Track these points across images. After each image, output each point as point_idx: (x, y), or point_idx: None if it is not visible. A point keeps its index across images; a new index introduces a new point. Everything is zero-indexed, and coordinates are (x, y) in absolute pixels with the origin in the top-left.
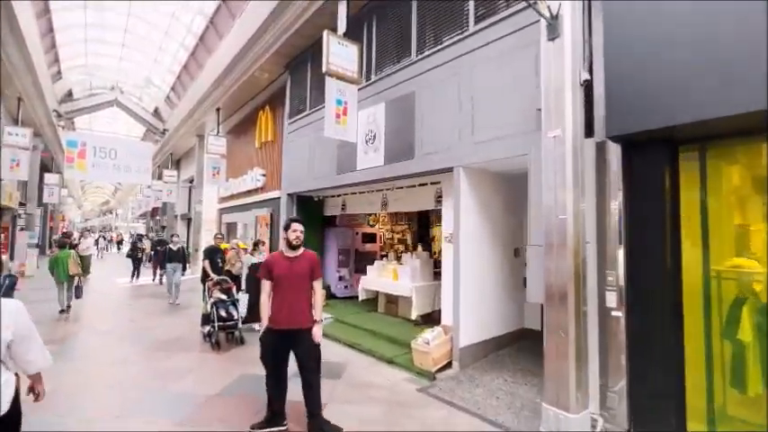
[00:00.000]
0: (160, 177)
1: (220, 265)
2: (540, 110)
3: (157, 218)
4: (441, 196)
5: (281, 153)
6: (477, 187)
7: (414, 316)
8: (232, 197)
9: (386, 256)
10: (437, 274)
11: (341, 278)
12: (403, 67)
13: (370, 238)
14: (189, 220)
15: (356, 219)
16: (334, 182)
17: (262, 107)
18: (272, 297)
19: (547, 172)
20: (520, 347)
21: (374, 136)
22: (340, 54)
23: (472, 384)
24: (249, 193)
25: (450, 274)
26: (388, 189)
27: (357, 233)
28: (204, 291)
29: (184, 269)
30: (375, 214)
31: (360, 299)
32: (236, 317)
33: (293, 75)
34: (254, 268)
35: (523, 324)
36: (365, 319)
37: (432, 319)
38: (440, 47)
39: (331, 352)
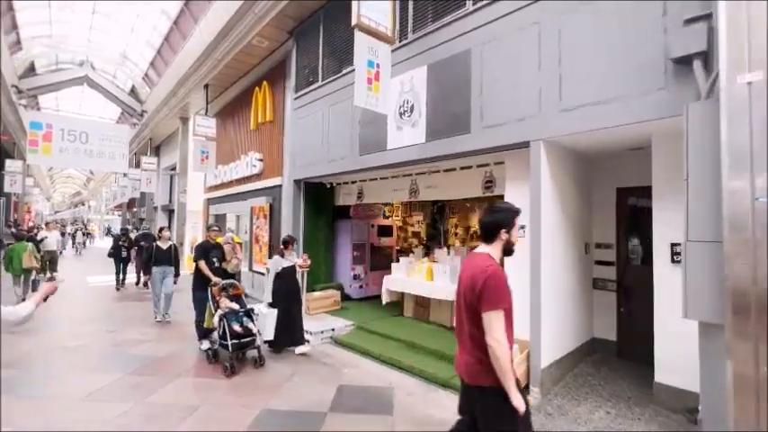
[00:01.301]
0: (138, 165)
1: (216, 264)
2: (675, 59)
3: (135, 210)
4: (490, 181)
5: (284, 134)
6: (554, 168)
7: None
8: (222, 186)
9: (405, 251)
10: None
11: (355, 277)
12: (454, 19)
13: (386, 231)
14: (171, 212)
15: (371, 209)
16: (355, 164)
17: (258, 83)
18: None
19: (733, 135)
20: (597, 363)
21: (411, 107)
22: (372, 5)
23: (568, 419)
24: (243, 180)
25: (522, 275)
26: (418, 173)
27: (372, 226)
28: (195, 300)
29: (177, 274)
30: (391, 204)
31: (384, 302)
32: (254, 331)
33: (300, 41)
34: (289, 275)
35: (593, 333)
36: (394, 327)
37: None
38: None
39: (367, 372)
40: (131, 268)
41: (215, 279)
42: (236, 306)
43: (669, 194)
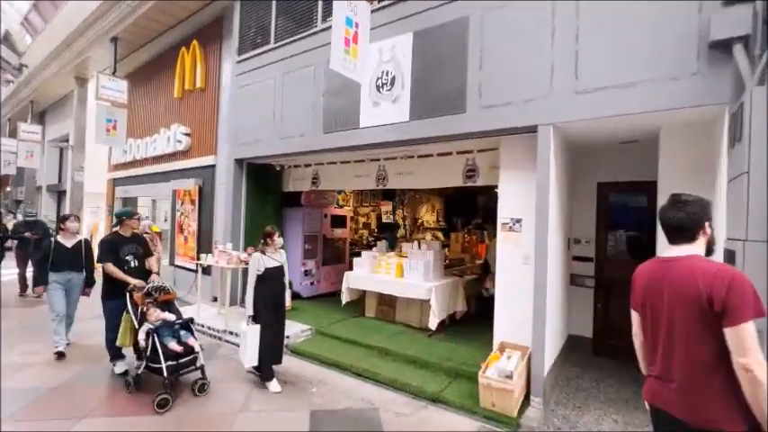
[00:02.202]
0: (13, 134)
1: (134, 264)
2: (712, 43)
3: (8, 190)
4: (472, 170)
5: (219, 105)
6: (557, 156)
7: (434, 325)
8: (134, 164)
9: (355, 244)
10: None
11: (307, 273)
12: None
13: (340, 221)
14: (60, 194)
15: (324, 197)
16: (317, 143)
17: (185, 42)
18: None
19: None
20: (579, 363)
21: (391, 80)
22: None
23: None
24: (163, 158)
25: (516, 274)
26: (387, 158)
27: (326, 215)
28: (106, 310)
29: (90, 284)
30: (344, 192)
31: (344, 301)
32: (196, 348)
33: None
34: (273, 278)
35: (570, 330)
36: (358, 330)
37: (444, 325)
38: None
39: (341, 389)
40: (6, 265)
41: (134, 281)
42: (170, 316)
43: (679, 189)
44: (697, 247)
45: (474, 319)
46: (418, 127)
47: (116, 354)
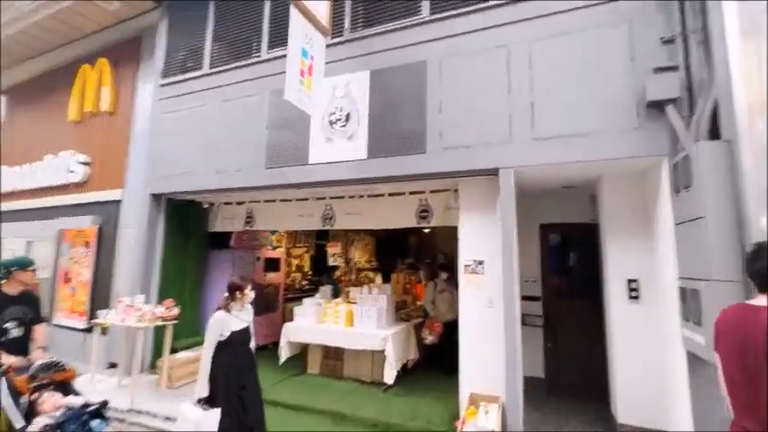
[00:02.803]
0: None
1: (15, 334)
2: (648, 103)
3: None
4: (426, 210)
5: (132, 130)
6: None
7: (391, 378)
8: (3, 196)
9: (288, 289)
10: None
11: None
12: (405, 26)
13: (273, 265)
14: None
15: (257, 237)
16: (260, 179)
17: (90, 59)
18: None
19: (757, 174)
20: (537, 406)
21: (346, 116)
22: None
23: None
24: (49, 191)
25: (480, 318)
26: (334, 197)
27: (258, 258)
28: None
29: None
30: (277, 231)
31: (283, 358)
32: None
33: (176, 14)
34: (239, 342)
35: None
36: (304, 391)
37: (398, 377)
38: (473, 7)
39: None
40: None
41: (10, 360)
42: (76, 401)
43: (622, 232)
44: None
45: (423, 366)
46: (376, 165)
47: None
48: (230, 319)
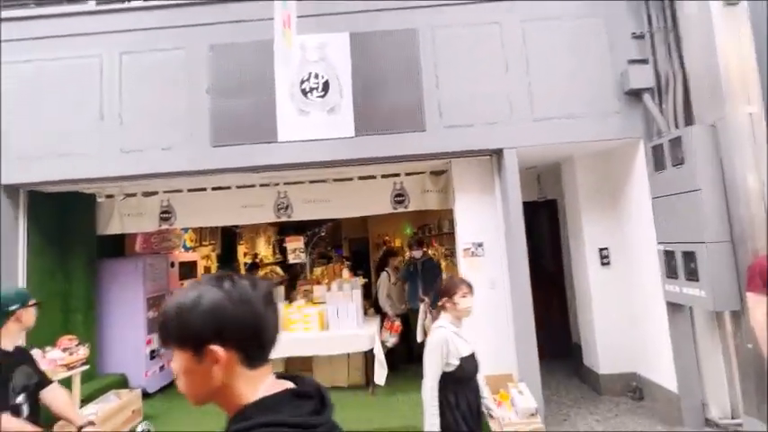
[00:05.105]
0: None
1: (21, 398)
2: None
3: None
4: (401, 194)
5: None
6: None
7: (383, 378)
8: None
9: None
10: None
11: (153, 355)
12: None
13: (189, 270)
14: None
15: (169, 238)
16: (203, 161)
17: None
18: None
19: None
20: None
21: (324, 84)
22: None
23: None
24: None
25: (482, 301)
26: (289, 183)
27: (173, 264)
28: None
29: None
30: (189, 230)
31: None
32: None
33: None
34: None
35: None
36: None
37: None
38: None
39: None
40: None
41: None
42: None
43: (593, 207)
44: None
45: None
46: (368, 143)
47: None
48: (455, 339)
